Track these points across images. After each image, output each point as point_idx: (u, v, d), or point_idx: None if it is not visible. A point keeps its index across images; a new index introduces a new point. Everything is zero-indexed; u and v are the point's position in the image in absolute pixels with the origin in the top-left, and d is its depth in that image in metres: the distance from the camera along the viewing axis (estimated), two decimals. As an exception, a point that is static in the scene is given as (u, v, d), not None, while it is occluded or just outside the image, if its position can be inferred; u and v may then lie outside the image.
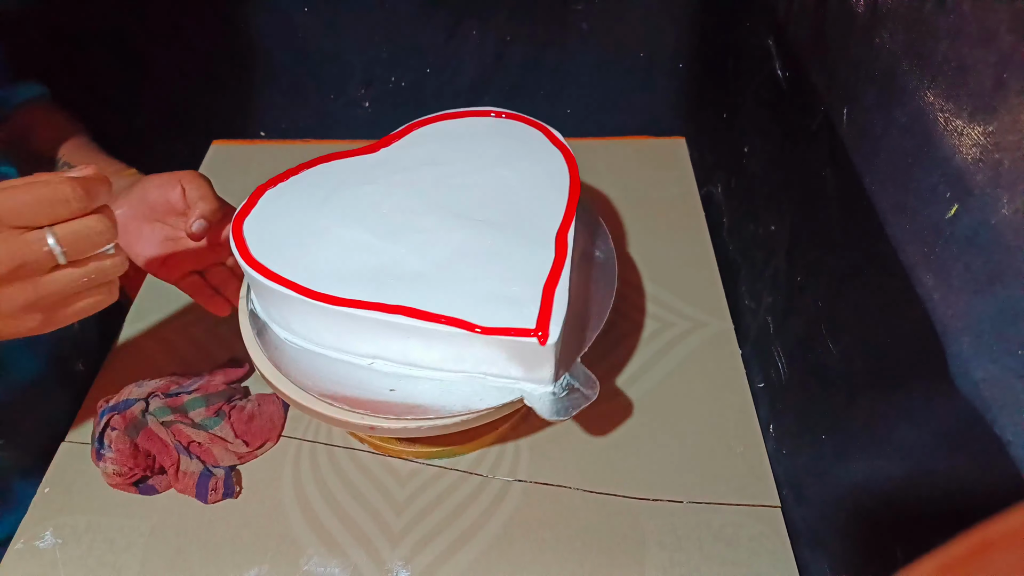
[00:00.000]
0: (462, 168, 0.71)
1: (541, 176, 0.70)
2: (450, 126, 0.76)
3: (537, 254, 0.63)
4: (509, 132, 0.75)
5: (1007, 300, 0.38)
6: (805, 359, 0.67)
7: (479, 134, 0.75)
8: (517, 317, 0.58)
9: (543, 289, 0.60)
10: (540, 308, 0.59)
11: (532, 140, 0.74)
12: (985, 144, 0.40)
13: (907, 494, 0.50)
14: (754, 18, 0.81)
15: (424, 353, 0.61)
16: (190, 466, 0.71)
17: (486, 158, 0.72)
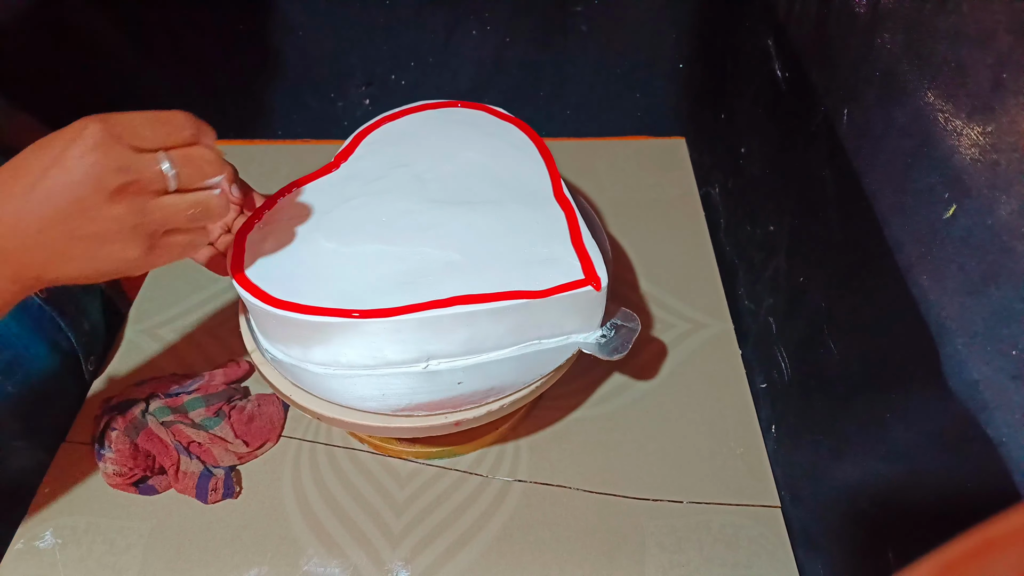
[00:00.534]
0: (430, 162, 0.71)
1: (507, 150, 0.72)
2: (395, 127, 0.75)
3: (548, 216, 0.66)
4: (455, 120, 0.76)
5: (1001, 301, 0.38)
6: (807, 360, 0.67)
7: (428, 128, 0.75)
8: (564, 274, 0.61)
9: (572, 244, 0.63)
10: (580, 260, 0.62)
11: (480, 122, 0.75)
12: (983, 144, 0.40)
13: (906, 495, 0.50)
14: (754, 18, 0.81)
15: (481, 339, 0.61)
16: (190, 466, 0.71)
17: (447, 148, 0.72)
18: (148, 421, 0.72)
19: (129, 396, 0.75)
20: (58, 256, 0.48)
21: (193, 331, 0.87)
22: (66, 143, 0.46)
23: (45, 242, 0.47)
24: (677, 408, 0.78)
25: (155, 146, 0.49)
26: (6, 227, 0.46)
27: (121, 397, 0.75)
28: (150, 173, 0.48)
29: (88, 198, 0.46)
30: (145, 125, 0.48)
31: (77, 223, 0.46)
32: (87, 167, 0.45)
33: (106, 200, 0.46)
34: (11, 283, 0.48)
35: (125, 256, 0.49)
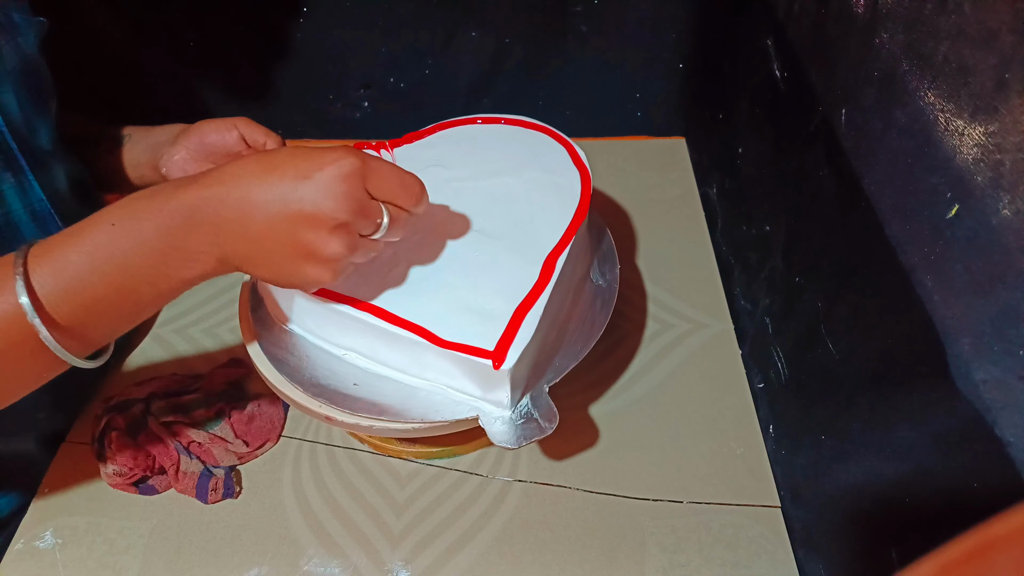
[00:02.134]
0: (470, 174, 0.70)
1: (550, 192, 0.68)
2: (473, 131, 0.75)
3: (525, 272, 0.62)
4: (530, 144, 0.74)
5: (1008, 301, 0.38)
6: (805, 360, 0.67)
7: (499, 142, 0.74)
8: (481, 335, 0.58)
9: (514, 312, 0.59)
10: (504, 331, 0.58)
11: (552, 154, 0.72)
12: (986, 145, 0.40)
13: (907, 495, 0.50)
14: (753, 18, 0.81)
15: (389, 355, 0.62)
16: (190, 466, 0.71)
17: (497, 166, 0.71)
18: (148, 421, 0.72)
19: (129, 396, 0.75)
20: (263, 256, 0.51)
21: (193, 331, 0.87)
22: (324, 163, 0.49)
23: (261, 239, 0.50)
24: (677, 408, 0.78)
25: (385, 198, 0.53)
26: (237, 211, 0.49)
27: (121, 397, 0.75)
28: (372, 221, 0.52)
29: (320, 219, 0.49)
30: (390, 180, 0.52)
31: (300, 236, 0.49)
32: (334, 193, 0.49)
33: (330, 228, 0.49)
34: (217, 262, 0.51)
35: (318, 280, 0.53)
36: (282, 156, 0.50)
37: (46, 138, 0.68)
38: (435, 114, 0.76)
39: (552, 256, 0.63)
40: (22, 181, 0.65)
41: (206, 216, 0.49)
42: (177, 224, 0.48)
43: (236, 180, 0.49)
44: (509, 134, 0.75)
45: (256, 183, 0.49)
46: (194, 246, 0.49)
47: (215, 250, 0.50)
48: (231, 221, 0.49)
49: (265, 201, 0.49)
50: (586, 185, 0.69)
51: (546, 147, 0.73)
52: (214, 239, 0.49)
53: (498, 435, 0.58)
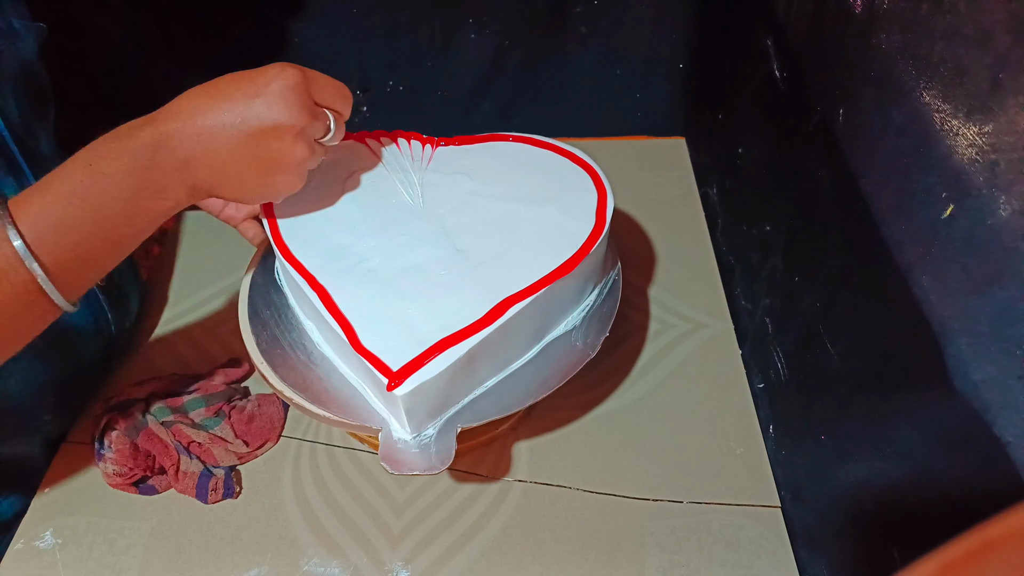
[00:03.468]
0: (489, 192, 0.69)
1: (553, 236, 0.65)
2: (521, 152, 0.73)
3: (477, 307, 0.60)
4: (568, 181, 0.70)
5: (1005, 301, 0.38)
6: (804, 360, 0.67)
7: (537, 170, 0.71)
8: (398, 352, 0.57)
9: (437, 342, 0.57)
10: (416, 357, 0.57)
11: (581, 199, 0.68)
12: (982, 145, 0.40)
13: (907, 495, 0.50)
14: (752, 19, 0.81)
15: (328, 341, 0.65)
16: (190, 466, 0.71)
17: (518, 193, 0.69)
18: (148, 421, 0.72)
19: (129, 396, 0.75)
20: (233, 178, 0.55)
21: (193, 331, 0.87)
22: (267, 80, 0.53)
23: (229, 162, 0.53)
24: (677, 408, 0.78)
25: (326, 104, 0.58)
26: (200, 142, 0.52)
27: (121, 397, 0.75)
28: (323, 124, 0.58)
29: (282, 130, 0.54)
30: (328, 86, 0.58)
31: (264, 150, 0.54)
32: (287, 103, 0.53)
33: (292, 136, 0.54)
34: (189, 191, 0.54)
35: (289, 186, 0.59)
36: (226, 82, 0.54)
37: (45, 143, 0.69)
38: (434, 117, 0.76)
39: (507, 302, 0.60)
40: (24, 185, 0.65)
41: (170, 152, 0.51)
42: (142, 163, 0.50)
43: (191, 113, 0.52)
44: (554, 165, 0.72)
45: (211, 112, 0.52)
46: (163, 181, 0.52)
47: (184, 182, 0.53)
48: (195, 152, 0.52)
49: (224, 126, 0.52)
50: (591, 240, 0.64)
51: (581, 190, 0.69)
52: (181, 171, 0.52)
53: (384, 452, 0.58)
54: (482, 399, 0.63)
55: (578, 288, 0.67)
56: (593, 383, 0.81)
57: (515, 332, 0.62)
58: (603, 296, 0.71)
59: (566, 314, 0.68)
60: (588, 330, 0.68)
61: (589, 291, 0.70)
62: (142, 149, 0.50)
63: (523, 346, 0.65)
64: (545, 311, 0.64)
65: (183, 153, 0.52)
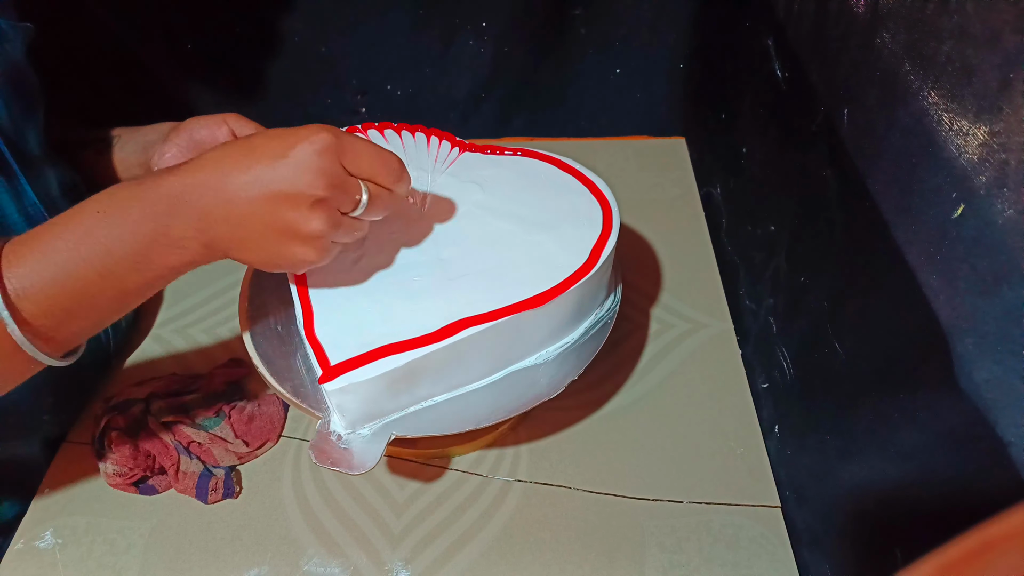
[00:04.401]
0: (495, 206, 0.68)
1: (540, 265, 0.63)
2: (543, 171, 0.72)
3: (432, 320, 0.59)
4: (578, 210, 0.68)
5: (1013, 301, 0.38)
6: (810, 359, 0.67)
7: (552, 192, 0.70)
8: (344, 347, 0.57)
9: (381, 347, 0.57)
10: (355, 357, 0.57)
11: (583, 231, 0.66)
12: (991, 144, 0.40)
13: (909, 495, 0.50)
14: (753, 18, 0.81)
15: None
16: (190, 466, 0.71)
17: (523, 214, 0.68)
18: (148, 421, 0.72)
19: (129, 396, 0.75)
20: (248, 240, 0.52)
21: (193, 331, 0.86)
22: (297, 140, 0.50)
23: (245, 222, 0.51)
24: (677, 408, 0.78)
25: (363, 175, 0.54)
26: (219, 196, 0.50)
27: (121, 397, 0.75)
28: (350, 198, 0.53)
29: (298, 197, 0.50)
30: (366, 156, 0.53)
31: (279, 216, 0.51)
32: (309, 169, 0.50)
33: (309, 205, 0.51)
34: (203, 248, 0.52)
35: (304, 259, 0.54)
36: (259, 139, 0.51)
37: (35, 143, 0.68)
38: (434, 120, 0.76)
39: (463, 322, 0.59)
40: (15, 186, 0.65)
41: (189, 203, 0.49)
42: (161, 211, 0.49)
43: (216, 165, 0.50)
44: (570, 192, 0.70)
45: (235, 167, 0.50)
46: (179, 233, 0.50)
47: (200, 236, 0.51)
48: (214, 207, 0.50)
49: (245, 184, 0.50)
50: (573, 277, 0.62)
51: (586, 223, 0.67)
52: (198, 225, 0.50)
53: (315, 443, 0.58)
54: (426, 413, 0.61)
55: (553, 323, 0.64)
56: (593, 383, 0.80)
57: (469, 354, 0.60)
58: (586, 336, 0.68)
59: (539, 346, 0.66)
60: (559, 369, 0.65)
61: (571, 328, 0.67)
62: (162, 196, 0.49)
63: (480, 370, 0.63)
64: (508, 340, 0.62)
65: (201, 207, 0.50)
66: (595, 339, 0.67)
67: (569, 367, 0.65)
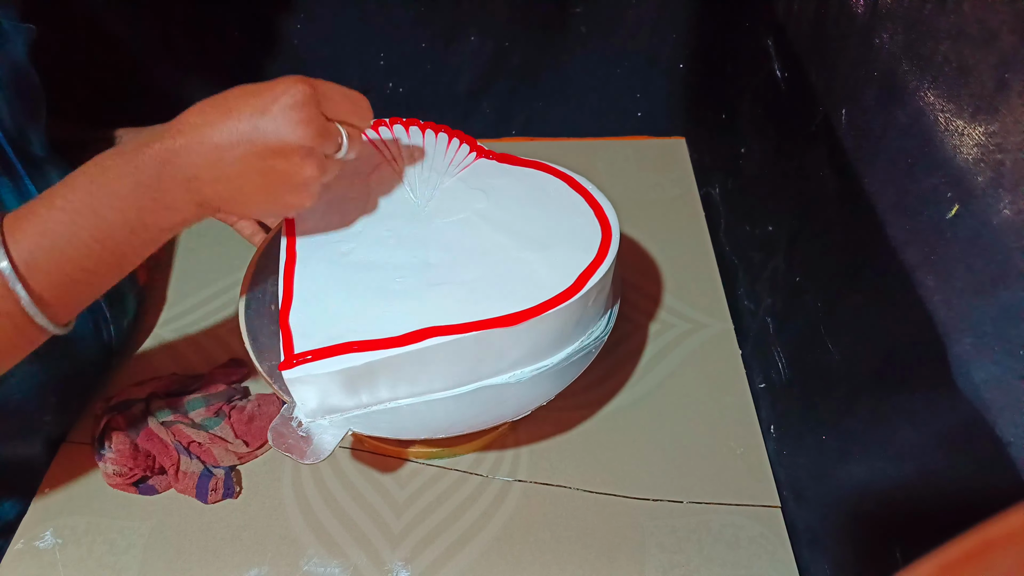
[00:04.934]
0: (494, 217, 0.67)
1: (525, 282, 0.61)
2: (553, 188, 0.70)
3: (400, 325, 0.59)
4: (576, 233, 0.65)
5: (1009, 301, 0.38)
6: (805, 360, 0.67)
7: (555, 210, 0.67)
8: (310, 337, 0.58)
9: (342, 343, 0.57)
10: (319, 349, 0.57)
11: (577, 254, 0.63)
12: (987, 144, 0.40)
13: (908, 495, 0.50)
14: (753, 18, 0.81)
15: None
16: (190, 466, 0.71)
17: (519, 228, 0.66)
18: (148, 421, 0.72)
19: (129, 396, 0.75)
20: (243, 194, 0.53)
21: (193, 331, 0.87)
22: (275, 96, 0.51)
23: (236, 178, 0.52)
24: (677, 408, 0.78)
25: (339, 118, 0.55)
26: (207, 158, 0.51)
27: (121, 397, 0.75)
28: (334, 142, 0.55)
29: (288, 149, 0.52)
30: (341, 100, 0.55)
31: (270, 169, 0.52)
32: (294, 122, 0.51)
33: (300, 155, 0.52)
34: (196, 208, 0.53)
35: (297, 204, 0.56)
36: (234, 96, 0.52)
37: (38, 144, 0.69)
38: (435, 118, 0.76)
39: (429, 331, 0.58)
40: (20, 186, 0.65)
41: (177, 167, 0.50)
42: (149, 178, 0.50)
43: (197, 128, 0.51)
44: (574, 212, 0.67)
45: (218, 128, 0.51)
46: (170, 197, 0.51)
47: (192, 197, 0.52)
48: (203, 168, 0.51)
49: (230, 143, 0.51)
50: (551, 302, 0.59)
51: (581, 246, 0.64)
52: (188, 187, 0.51)
53: (275, 425, 0.59)
54: (387, 415, 0.61)
55: (527, 345, 0.61)
56: (593, 383, 0.81)
57: (433, 363, 0.59)
58: (566, 362, 0.65)
59: (512, 366, 0.63)
60: (532, 390, 0.63)
61: (549, 352, 0.64)
62: (148, 164, 0.50)
63: (445, 380, 0.61)
64: (476, 355, 0.60)
65: (189, 169, 0.51)
66: (576, 366, 0.65)
67: (542, 390, 0.64)
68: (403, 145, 0.73)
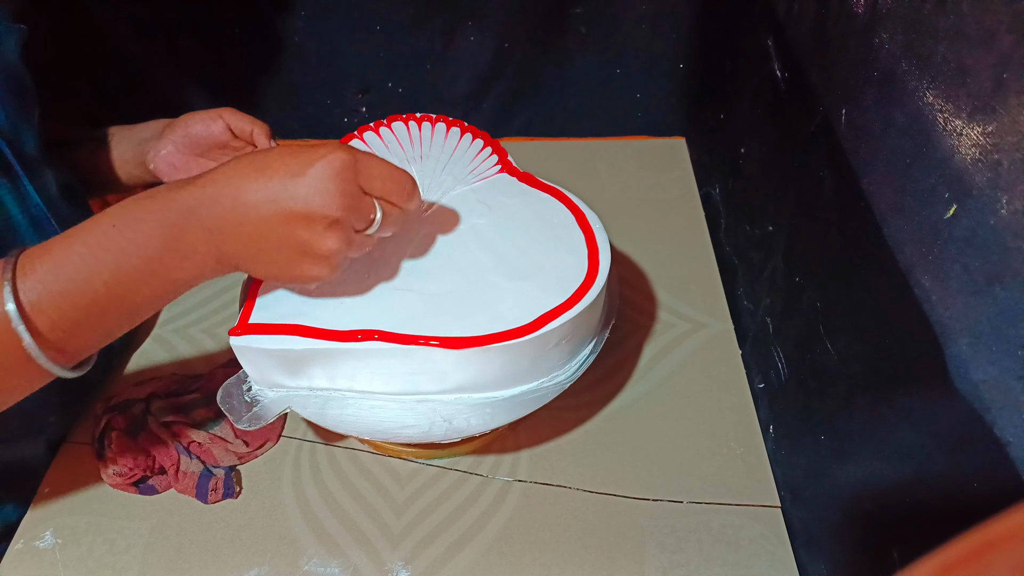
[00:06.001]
0: (485, 235, 0.66)
1: (489, 306, 0.60)
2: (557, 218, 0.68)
3: (352, 320, 0.59)
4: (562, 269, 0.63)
5: (1006, 301, 0.38)
6: (804, 360, 0.67)
7: (550, 241, 0.66)
8: (268, 313, 0.59)
9: (290, 326, 0.58)
10: (270, 324, 0.58)
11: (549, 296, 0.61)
12: (984, 145, 0.40)
13: (907, 495, 0.50)
14: (753, 18, 0.81)
15: None
16: (190, 466, 0.71)
17: (505, 251, 0.64)
18: (148, 421, 0.72)
19: (129, 396, 0.75)
20: (260, 255, 0.51)
21: (193, 331, 0.87)
22: (312, 160, 0.49)
23: (257, 238, 0.50)
24: (677, 408, 0.78)
25: (378, 194, 0.53)
26: (233, 212, 0.49)
27: (121, 397, 0.75)
28: (364, 217, 0.53)
29: (314, 217, 0.49)
30: (381, 176, 0.53)
31: (292, 234, 0.50)
32: (326, 190, 0.49)
33: (325, 225, 0.50)
34: (215, 263, 0.51)
35: (316, 276, 0.53)
36: (274, 155, 0.50)
37: (32, 144, 0.69)
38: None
39: (369, 333, 0.58)
40: (18, 186, 0.65)
41: (202, 216, 0.49)
42: (173, 224, 0.49)
43: (229, 180, 0.49)
44: (569, 245, 0.65)
45: (249, 183, 0.49)
46: (190, 246, 0.50)
47: (212, 249, 0.50)
48: (226, 221, 0.49)
49: (258, 201, 0.49)
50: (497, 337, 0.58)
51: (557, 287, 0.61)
52: (210, 238, 0.50)
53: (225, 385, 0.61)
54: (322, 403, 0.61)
55: (470, 372, 0.60)
56: (593, 383, 0.81)
57: (371, 366, 0.59)
58: (518, 399, 0.62)
59: (456, 388, 0.61)
60: (472, 415, 0.62)
61: (497, 384, 0.62)
62: (175, 209, 0.49)
63: (385, 384, 0.61)
64: (413, 369, 0.59)
65: (213, 220, 0.49)
66: (528, 405, 0.62)
67: (484, 419, 0.61)
68: (434, 143, 0.74)
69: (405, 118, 0.77)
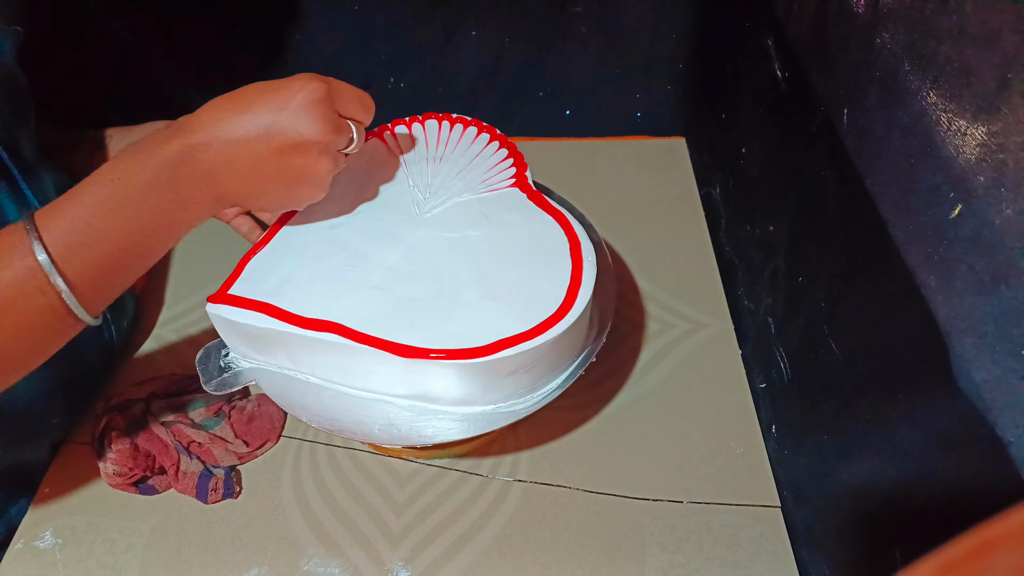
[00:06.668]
0: (476, 248, 0.65)
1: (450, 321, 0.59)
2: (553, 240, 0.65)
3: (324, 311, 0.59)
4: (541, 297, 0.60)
5: (1011, 301, 0.38)
6: (807, 360, 0.67)
7: (540, 262, 0.64)
8: (250, 287, 0.61)
9: (263, 304, 0.60)
10: (246, 299, 0.60)
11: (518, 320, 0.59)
12: (989, 145, 0.40)
13: (908, 495, 0.50)
14: (754, 18, 0.81)
15: None
16: (190, 466, 0.71)
17: (491, 267, 0.63)
18: (148, 421, 0.72)
19: (129, 396, 0.75)
20: (257, 189, 0.56)
21: (193, 331, 0.86)
22: (292, 93, 0.53)
23: (253, 173, 0.54)
24: (677, 408, 0.78)
25: (350, 115, 0.58)
26: (224, 154, 0.52)
27: (121, 397, 0.75)
28: (346, 137, 0.58)
29: (307, 145, 0.54)
30: (352, 99, 0.58)
31: (288, 164, 0.55)
32: (312, 118, 0.53)
33: (317, 151, 0.55)
34: (214, 201, 0.55)
35: (311, 197, 0.59)
36: (251, 93, 0.54)
37: (28, 148, 0.69)
38: (436, 114, 0.76)
39: (337, 327, 0.58)
40: (16, 191, 0.65)
41: (194, 164, 0.52)
42: (167, 176, 0.51)
43: (214, 125, 0.52)
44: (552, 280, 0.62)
45: (235, 124, 0.52)
46: (187, 193, 0.52)
47: (210, 192, 0.53)
48: (220, 164, 0.52)
49: (247, 139, 0.52)
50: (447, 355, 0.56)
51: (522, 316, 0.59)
52: (206, 182, 0.53)
53: (204, 348, 0.65)
54: (283, 381, 0.64)
55: (419, 384, 0.60)
56: (593, 383, 0.80)
57: (327, 358, 0.60)
58: (467, 419, 0.62)
59: (410, 396, 0.62)
60: (418, 422, 0.61)
61: (450, 401, 0.61)
62: (167, 162, 0.51)
63: (342, 376, 0.62)
64: (364, 369, 0.60)
65: (207, 165, 0.52)
66: (479, 427, 0.61)
67: (431, 432, 0.61)
68: (458, 147, 0.75)
69: (440, 117, 0.79)
